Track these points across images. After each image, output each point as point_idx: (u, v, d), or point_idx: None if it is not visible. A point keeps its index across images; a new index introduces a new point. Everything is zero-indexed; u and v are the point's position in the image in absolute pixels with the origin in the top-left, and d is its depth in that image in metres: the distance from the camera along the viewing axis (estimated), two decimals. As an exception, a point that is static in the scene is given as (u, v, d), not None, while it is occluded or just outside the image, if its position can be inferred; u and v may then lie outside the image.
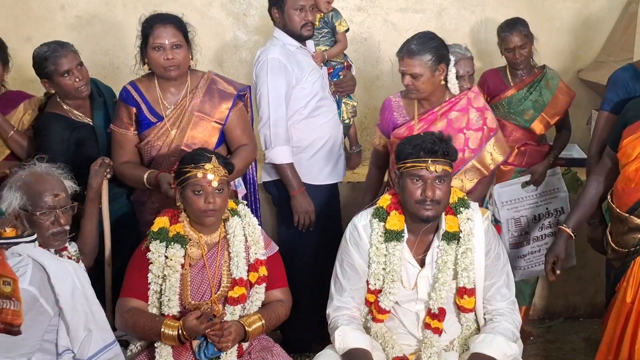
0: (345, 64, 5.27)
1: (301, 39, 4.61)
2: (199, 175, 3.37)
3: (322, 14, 5.11)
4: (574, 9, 6.29)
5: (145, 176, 3.89)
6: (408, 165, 3.32)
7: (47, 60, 4.05)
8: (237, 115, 4.11)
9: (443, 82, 3.98)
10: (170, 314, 3.41)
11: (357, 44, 6.08)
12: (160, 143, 4.00)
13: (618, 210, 3.63)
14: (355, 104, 5.33)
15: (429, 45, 3.89)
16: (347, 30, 5.22)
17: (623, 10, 6.23)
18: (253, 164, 4.43)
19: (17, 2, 5.82)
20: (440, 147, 3.29)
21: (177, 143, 3.99)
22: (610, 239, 3.75)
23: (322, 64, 4.85)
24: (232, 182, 4.15)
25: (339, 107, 5.06)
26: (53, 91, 4.19)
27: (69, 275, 3.10)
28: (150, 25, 3.92)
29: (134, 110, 4.01)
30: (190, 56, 4.01)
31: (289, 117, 4.50)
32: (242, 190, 4.29)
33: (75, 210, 3.39)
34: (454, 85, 4.01)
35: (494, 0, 6.18)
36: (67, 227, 3.31)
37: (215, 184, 3.38)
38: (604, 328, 3.72)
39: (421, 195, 3.30)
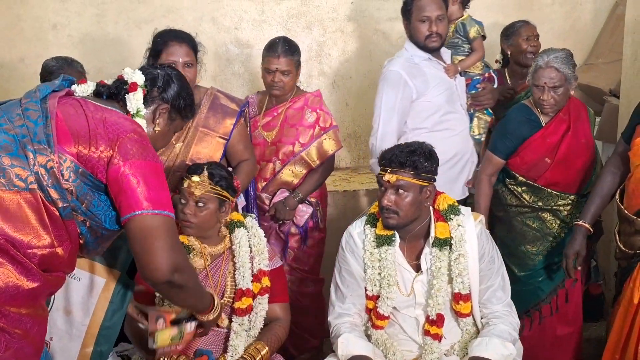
0: (487, 75, 4.94)
1: (427, 50, 4.46)
2: (185, 184, 3.42)
3: (454, 22, 4.87)
4: (561, 12, 6.34)
5: None
6: (379, 172, 3.38)
7: (51, 74, 4.10)
8: (239, 131, 4.14)
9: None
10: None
11: (349, 53, 6.13)
12: (164, 158, 3.97)
13: (626, 211, 3.61)
14: (487, 119, 4.85)
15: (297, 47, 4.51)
16: (484, 37, 4.91)
17: (610, 12, 6.29)
18: (253, 179, 4.46)
19: (9, 23, 5.84)
20: (400, 158, 3.28)
21: (182, 158, 3.98)
22: (617, 239, 3.73)
23: (455, 76, 4.60)
24: None
25: (471, 120, 4.75)
26: None
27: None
28: (165, 41, 3.91)
29: None
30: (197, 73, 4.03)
31: (410, 130, 4.41)
32: (241, 202, 4.32)
33: None
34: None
35: (482, 7, 6.20)
36: None
37: (195, 197, 3.40)
38: (611, 326, 3.73)
39: (380, 203, 3.35)
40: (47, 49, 5.78)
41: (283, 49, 4.45)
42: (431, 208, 3.45)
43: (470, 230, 3.42)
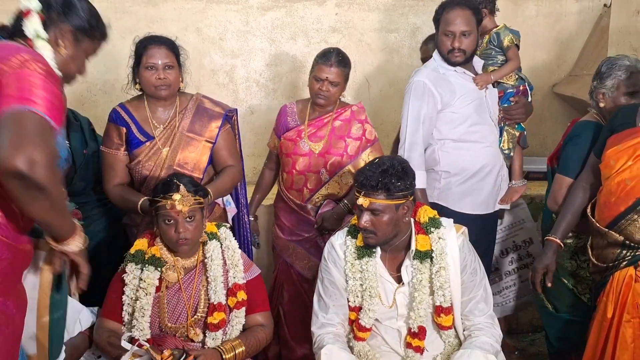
0: (521, 88, 4.67)
1: (451, 64, 4.34)
2: (168, 206, 3.37)
3: (489, 34, 4.65)
4: (546, 24, 6.37)
5: (140, 203, 3.92)
6: (355, 193, 3.35)
7: None
8: (224, 136, 4.16)
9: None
10: (139, 338, 3.39)
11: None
12: (151, 163, 4.03)
13: (598, 224, 3.60)
14: (516, 133, 4.66)
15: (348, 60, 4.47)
16: (518, 47, 4.65)
17: (595, 24, 6.32)
18: (244, 187, 4.49)
19: (-7, 34, 5.82)
20: (371, 181, 3.23)
21: (170, 163, 4.03)
22: (590, 253, 3.72)
23: (486, 87, 4.45)
24: (220, 201, 4.23)
25: (501, 134, 4.61)
26: None
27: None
28: (144, 45, 4.00)
29: (124, 130, 4.05)
30: (180, 78, 4.08)
31: (436, 141, 4.37)
32: (231, 209, 4.32)
33: None
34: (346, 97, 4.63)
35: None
36: None
37: (184, 214, 3.38)
38: (587, 341, 3.70)
39: (358, 224, 3.34)
40: (31, 59, 5.76)
41: (337, 59, 4.43)
42: (412, 220, 3.45)
43: (451, 242, 3.41)
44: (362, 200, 3.25)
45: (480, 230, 4.37)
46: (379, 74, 6.15)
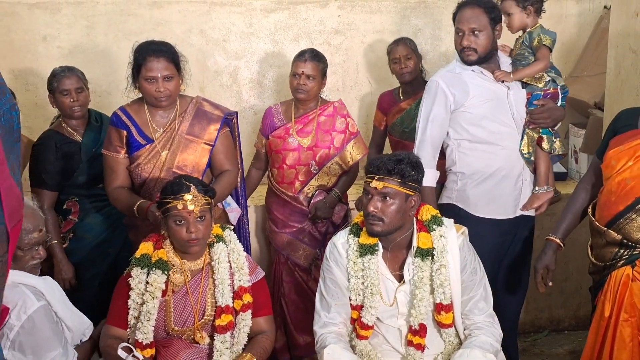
0: (551, 91, 4.35)
1: (466, 62, 4.24)
2: (179, 206, 3.39)
3: (522, 34, 4.38)
4: (546, 25, 6.29)
5: (136, 206, 3.93)
6: (366, 180, 3.42)
7: (54, 77, 4.54)
8: (222, 140, 4.19)
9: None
10: (143, 342, 3.41)
11: (336, 66, 6.15)
12: (151, 166, 4.06)
13: (597, 223, 3.62)
14: (536, 135, 4.35)
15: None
16: (550, 48, 4.34)
17: (595, 25, 6.33)
18: (243, 188, 4.55)
19: (-1, 35, 5.86)
20: (388, 165, 3.32)
21: (169, 165, 4.06)
22: (589, 253, 3.74)
23: (508, 87, 4.26)
24: (219, 203, 4.25)
25: (522, 137, 4.33)
26: (56, 109, 4.64)
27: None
28: (144, 56, 3.97)
29: (125, 133, 4.08)
30: (180, 82, 4.08)
31: (452, 141, 4.30)
32: (231, 210, 4.38)
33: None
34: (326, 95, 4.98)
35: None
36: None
37: (196, 214, 3.41)
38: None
39: (366, 210, 3.38)
40: (36, 61, 5.80)
41: (310, 55, 4.78)
42: (414, 219, 3.49)
43: (452, 241, 3.45)
44: (375, 183, 3.32)
45: (499, 235, 4.34)
46: (381, 75, 6.18)
